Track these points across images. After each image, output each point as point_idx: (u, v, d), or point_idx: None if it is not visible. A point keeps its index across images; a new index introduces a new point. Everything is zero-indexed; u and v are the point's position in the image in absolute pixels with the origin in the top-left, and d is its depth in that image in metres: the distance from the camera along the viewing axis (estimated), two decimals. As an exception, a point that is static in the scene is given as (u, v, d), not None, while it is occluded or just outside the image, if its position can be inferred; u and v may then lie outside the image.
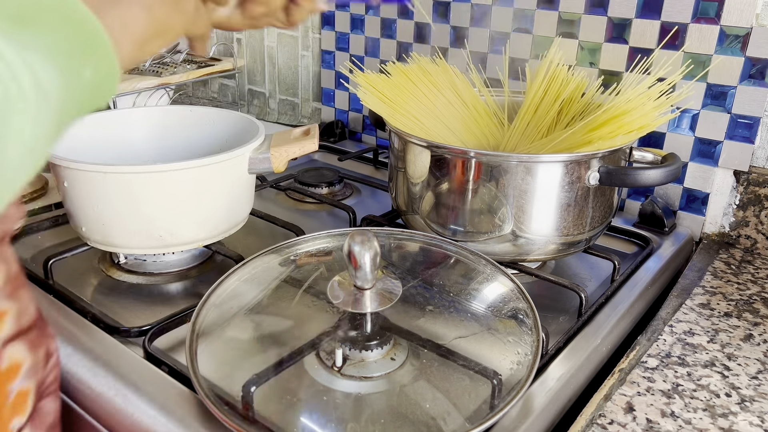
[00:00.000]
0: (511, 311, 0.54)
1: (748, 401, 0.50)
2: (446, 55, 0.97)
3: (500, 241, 0.63)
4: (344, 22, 1.09)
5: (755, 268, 0.72)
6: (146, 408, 0.48)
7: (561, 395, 0.52)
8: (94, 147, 0.74)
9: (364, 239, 0.49)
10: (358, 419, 0.45)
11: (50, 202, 0.84)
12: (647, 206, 0.81)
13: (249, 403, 0.45)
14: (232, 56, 1.26)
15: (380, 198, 0.93)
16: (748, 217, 0.77)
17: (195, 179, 0.62)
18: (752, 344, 0.57)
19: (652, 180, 0.60)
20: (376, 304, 0.51)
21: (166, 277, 0.68)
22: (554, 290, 0.67)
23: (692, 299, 0.64)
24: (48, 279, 0.64)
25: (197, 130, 0.78)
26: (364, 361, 0.49)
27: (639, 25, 0.79)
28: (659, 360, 0.55)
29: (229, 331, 0.52)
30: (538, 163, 0.60)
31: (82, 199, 0.62)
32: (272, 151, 0.66)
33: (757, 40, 0.71)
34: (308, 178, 0.94)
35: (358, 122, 1.14)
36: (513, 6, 0.88)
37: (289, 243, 0.61)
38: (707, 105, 0.76)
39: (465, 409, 0.45)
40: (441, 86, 0.75)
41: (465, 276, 0.59)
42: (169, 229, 0.63)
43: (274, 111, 1.29)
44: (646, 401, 0.49)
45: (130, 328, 0.56)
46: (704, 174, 0.79)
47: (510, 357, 0.49)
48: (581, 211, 0.63)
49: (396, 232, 0.63)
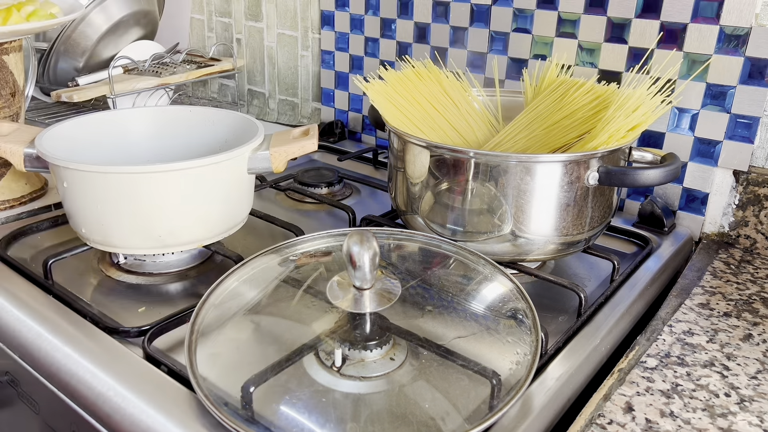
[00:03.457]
0: (511, 311, 0.54)
1: (747, 401, 0.50)
2: (446, 55, 0.97)
3: (499, 241, 0.63)
4: (344, 22, 1.09)
5: (755, 268, 0.72)
6: (146, 408, 0.48)
7: (560, 395, 0.52)
8: (94, 147, 0.74)
9: (363, 239, 0.49)
10: (358, 419, 0.45)
11: (50, 202, 0.84)
12: (647, 206, 0.81)
13: (248, 403, 0.45)
14: (232, 56, 1.26)
15: (380, 198, 0.93)
16: (747, 217, 0.77)
17: (195, 179, 0.62)
18: (751, 344, 0.57)
19: (651, 180, 0.60)
20: (375, 304, 0.51)
21: (165, 277, 0.68)
22: (554, 290, 0.68)
23: (692, 299, 0.64)
24: (48, 279, 0.64)
25: (197, 130, 0.78)
26: (364, 361, 0.49)
27: (638, 25, 0.79)
28: (658, 360, 0.55)
29: (228, 332, 0.52)
30: (537, 163, 0.60)
31: (82, 199, 0.62)
32: (272, 151, 0.66)
33: (757, 40, 0.71)
34: (308, 178, 0.94)
35: (357, 122, 1.14)
36: (513, 6, 0.88)
37: (288, 243, 0.61)
38: (707, 105, 0.76)
39: (464, 409, 0.45)
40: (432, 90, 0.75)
41: (464, 276, 0.59)
42: (168, 229, 0.63)
43: (273, 111, 1.29)
44: (646, 401, 0.49)
45: (129, 329, 0.56)
46: (704, 174, 0.79)
47: (509, 357, 0.49)
48: (580, 211, 0.63)
49: (395, 232, 0.63)
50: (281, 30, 1.21)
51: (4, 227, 0.77)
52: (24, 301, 0.61)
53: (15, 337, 0.58)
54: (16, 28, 0.74)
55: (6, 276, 0.65)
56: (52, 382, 0.55)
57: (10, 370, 0.61)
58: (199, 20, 1.35)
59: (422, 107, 0.74)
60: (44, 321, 0.58)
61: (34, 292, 0.63)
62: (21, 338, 0.58)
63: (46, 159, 0.62)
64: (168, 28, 1.38)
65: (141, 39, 1.20)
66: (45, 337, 0.56)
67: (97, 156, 0.74)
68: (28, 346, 0.57)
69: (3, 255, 0.68)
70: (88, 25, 1.10)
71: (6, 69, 0.79)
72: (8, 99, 0.80)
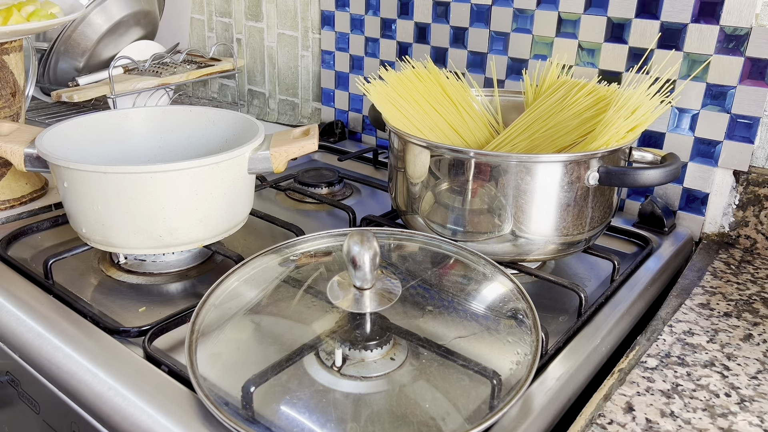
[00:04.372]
0: (511, 311, 0.54)
1: (747, 401, 0.50)
2: (446, 55, 0.97)
3: (500, 241, 0.63)
4: (344, 22, 1.09)
5: (755, 268, 0.72)
6: (146, 408, 0.48)
7: (560, 395, 0.52)
8: (94, 147, 0.74)
9: (363, 239, 0.49)
10: (358, 419, 0.45)
11: (50, 202, 0.84)
12: (647, 206, 0.81)
13: (249, 403, 0.45)
14: (232, 56, 1.26)
15: (380, 198, 0.93)
16: (747, 217, 0.77)
17: (195, 179, 0.62)
18: (752, 344, 0.57)
19: (651, 180, 0.60)
20: (375, 304, 0.51)
21: (165, 277, 0.69)
22: (554, 290, 0.68)
23: (692, 299, 0.64)
24: (48, 279, 0.64)
25: (197, 130, 0.78)
26: (364, 361, 0.49)
27: (638, 25, 0.79)
28: (659, 360, 0.55)
29: (229, 331, 0.52)
30: (537, 163, 0.60)
31: (82, 200, 0.62)
32: (272, 151, 0.66)
33: (757, 40, 0.71)
34: (308, 178, 0.94)
35: (357, 122, 1.14)
36: (513, 6, 0.88)
37: (288, 243, 0.61)
38: (707, 105, 0.76)
39: (464, 409, 0.45)
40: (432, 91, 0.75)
41: (464, 276, 0.59)
42: (169, 229, 0.63)
43: (274, 111, 1.29)
44: (646, 401, 0.49)
45: (129, 329, 0.56)
46: (704, 174, 0.79)
47: (509, 357, 0.49)
48: (581, 211, 0.63)
49: (396, 232, 0.63)
50: (281, 30, 1.21)
51: (4, 227, 0.78)
52: (24, 301, 0.61)
53: (15, 337, 0.58)
54: (16, 28, 0.74)
55: (6, 276, 0.65)
56: (53, 382, 0.55)
57: (10, 370, 0.61)
58: (199, 20, 1.36)
59: (422, 108, 0.74)
60: (44, 321, 0.58)
61: (35, 292, 0.63)
62: (21, 338, 0.58)
63: (47, 159, 0.62)
64: (168, 28, 1.38)
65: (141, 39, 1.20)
66: (45, 337, 0.56)
67: (97, 156, 0.74)
68: (29, 346, 0.57)
69: (3, 255, 0.68)
70: (89, 25, 1.10)
71: (6, 69, 0.79)
72: (8, 99, 0.80)
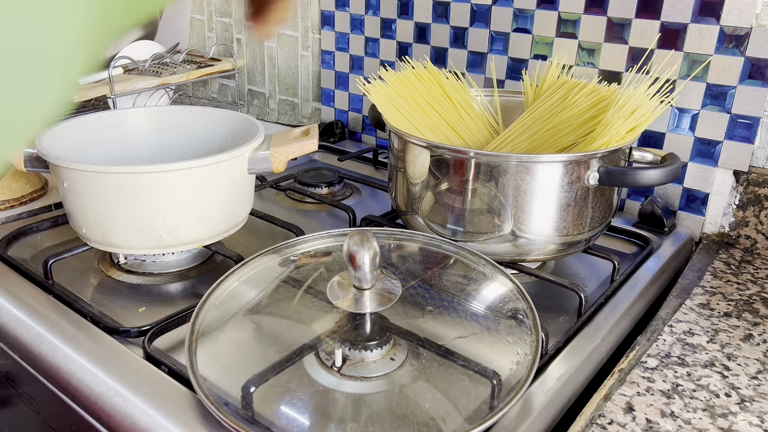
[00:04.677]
0: (511, 311, 0.54)
1: (747, 401, 0.50)
2: (446, 55, 0.97)
3: (500, 241, 0.63)
4: (344, 22, 1.09)
5: (755, 268, 0.72)
6: (146, 408, 0.48)
7: (560, 395, 0.52)
8: (94, 147, 0.74)
9: (363, 239, 0.49)
10: (358, 419, 0.45)
11: (50, 202, 0.84)
12: (647, 206, 0.81)
13: (248, 403, 0.45)
14: (232, 56, 1.26)
15: (380, 198, 0.93)
16: (747, 217, 0.77)
17: (195, 179, 0.62)
18: (752, 344, 0.57)
19: (651, 180, 0.60)
20: (375, 305, 0.51)
21: (165, 277, 0.68)
22: (554, 290, 0.67)
23: (692, 299, 0.64)
24: (48, 279, 0.64)
25: (197, 130, 0.78)
26: (364, 361, 0.49)
27: (638, 25, 0.79)
28: (659, 360, 0.54)
29: (228, 332, 0.52)
30: (537, 163, 0.60)
31: (82, 200, 0.62)
32: (272, 151, 0.66)
33: (757, 40, 0.71)
34: (308, 178, 0.94)
35: (357, 122, 1.14)
36: (513, 6, 0.88)
37: (288, 243, 0.61)
38: (707, 105, 0.76)
39: (464, 409, 0.45)
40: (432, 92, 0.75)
41: (464, 276, 0.59)
42: (168, 229, 0.63)
43: (273, 111, 1.29)
44: (646, 401, 0.49)
45: (129, 329, 0.56)
46: (704, 174, 0.79)
47: (509, 357, 0.49)
48: (581, 211, 0.63)
49: (396, 233, 0.63)
50: (281, 30, 1.21)
51: (4, 227, 0.77)
52: (24, 301, 0.61)
53: (15, 337, 0.58)
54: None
55: (6, 276, 0.65)
56: (52, 382, 0.55)
57: (10, 370, 0.61)
58: (199, 20, 1.35)
59: (422, 108, 0.74)
60: (44, 321, 0.58)
61: (35, 292, 0.63)
62: (21, 338, 0.58)
63: (47, 159, 0.62)
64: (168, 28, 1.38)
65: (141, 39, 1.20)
66: (45, 337, 0.56)
67: (97, 156, 0.74)
68: (28, 346, 0.57)
69: (3, 255, 0.68)
70: (88, 25, 1.10)
71: (6, 69, 0.79)
72: (8, 99, 0.80)
